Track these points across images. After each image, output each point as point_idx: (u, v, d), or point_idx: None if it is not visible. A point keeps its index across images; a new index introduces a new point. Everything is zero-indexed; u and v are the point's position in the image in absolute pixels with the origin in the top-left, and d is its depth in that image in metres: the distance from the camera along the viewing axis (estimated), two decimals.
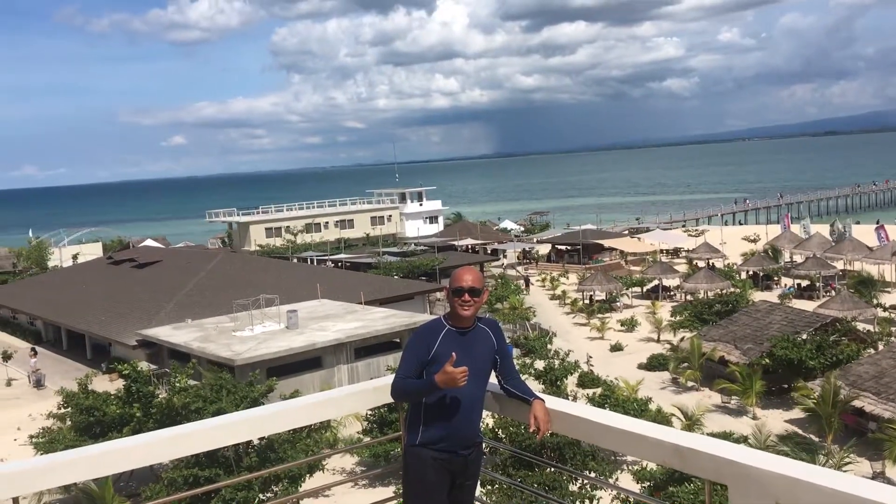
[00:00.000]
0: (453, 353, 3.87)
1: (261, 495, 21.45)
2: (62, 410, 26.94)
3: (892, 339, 37.45)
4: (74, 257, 77.19)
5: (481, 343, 4.14)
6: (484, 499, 15.03)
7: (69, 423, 26.20)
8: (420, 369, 4.00)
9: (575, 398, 26.27)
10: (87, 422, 25.19)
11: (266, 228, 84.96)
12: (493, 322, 4.31)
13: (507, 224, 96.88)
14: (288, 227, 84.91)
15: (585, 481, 21.64)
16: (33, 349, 45.70)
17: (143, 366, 31.26)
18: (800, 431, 28.25)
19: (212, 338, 35.21)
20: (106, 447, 3.99)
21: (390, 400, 4.23)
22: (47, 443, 24.82)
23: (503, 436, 22.01)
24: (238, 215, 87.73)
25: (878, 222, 67.51)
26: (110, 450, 3.95)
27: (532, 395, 4.12)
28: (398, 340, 35.51)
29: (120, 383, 27.51)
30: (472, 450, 4.15)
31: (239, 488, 20.53)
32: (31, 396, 37.73)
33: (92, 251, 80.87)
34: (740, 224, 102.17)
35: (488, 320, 4.31)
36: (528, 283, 60.95)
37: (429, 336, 4.06)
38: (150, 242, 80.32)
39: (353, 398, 4.75)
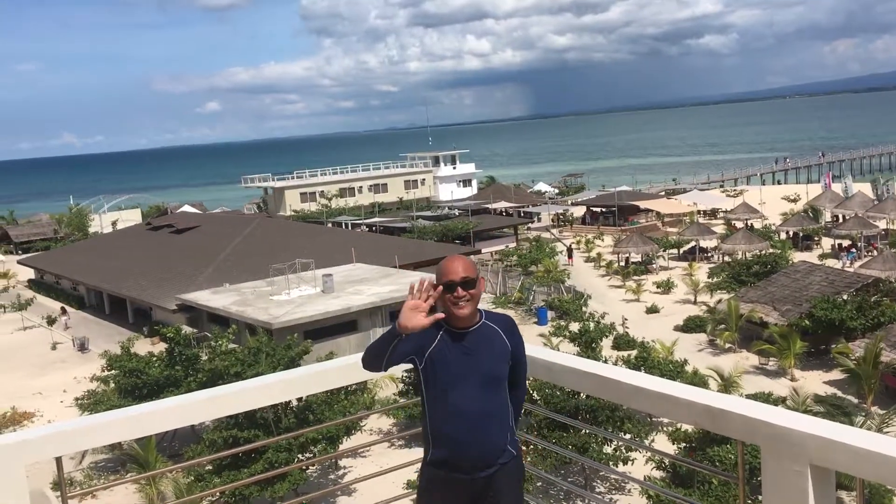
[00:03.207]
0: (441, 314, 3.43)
1: (300, 455, 21.84)
2: (106, 373, 27.63)
3: None
4: (114, 224, 78.50)
5: (490, 344, 3.50)
6: None
7: (113, 385, 26.86)
8: (401, 356, 3.47)
9: (615, 362, 26.17)
10: (133, 384, 25.78)
11: (301, 193, 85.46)
12: (505, 319, 3.62)
13: (542, 186, 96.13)
14: (322, 191, 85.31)
15: (620, 443, 21.74)
16: (63, 308, 46.89)
17: (186, 330, 31.88)
18: (839, 393, 27.92)
19: (249, 302, 35.71)
20: (146, 408, 4.09)
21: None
22: (92, 404, 25.55)
23: (538, 398, 22.15)
24: (273, 181, 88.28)
25: None
26: (150, 410, 4.04)
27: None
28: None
29: (162, 346, 28.09)
30: (494, 468, 3.47)
31: (279, 449, 20.89)
32: (76, 360, 38.71)
33: (131, 217, 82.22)
34: (780, 184, 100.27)
35: (500, 317, 3.61)
36: (570, 252, 55.92)
37: (422, 336, 3.41)
38: (187, 208, 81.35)
39: None
